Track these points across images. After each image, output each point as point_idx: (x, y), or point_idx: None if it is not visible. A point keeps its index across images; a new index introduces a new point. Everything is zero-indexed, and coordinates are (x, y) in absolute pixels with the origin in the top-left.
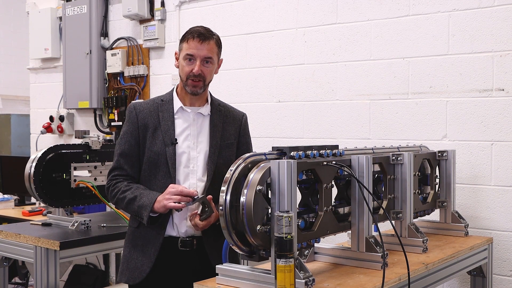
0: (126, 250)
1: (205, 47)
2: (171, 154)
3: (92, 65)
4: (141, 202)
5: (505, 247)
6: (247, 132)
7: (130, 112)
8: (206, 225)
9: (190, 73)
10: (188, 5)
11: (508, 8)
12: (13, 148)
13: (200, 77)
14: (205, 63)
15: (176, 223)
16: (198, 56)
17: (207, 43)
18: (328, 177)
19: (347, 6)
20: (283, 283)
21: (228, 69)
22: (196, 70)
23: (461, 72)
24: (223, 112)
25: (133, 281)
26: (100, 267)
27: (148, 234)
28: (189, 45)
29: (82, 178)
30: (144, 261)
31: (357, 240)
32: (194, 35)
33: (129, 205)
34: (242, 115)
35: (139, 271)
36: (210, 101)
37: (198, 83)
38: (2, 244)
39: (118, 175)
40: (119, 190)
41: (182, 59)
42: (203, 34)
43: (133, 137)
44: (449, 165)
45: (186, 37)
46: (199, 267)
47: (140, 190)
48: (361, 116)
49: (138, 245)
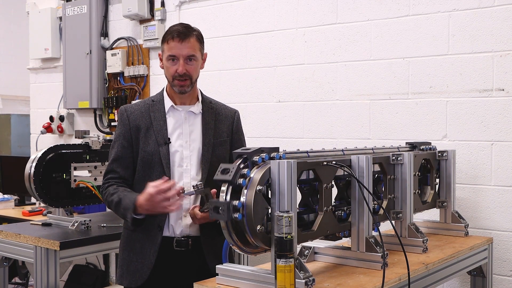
0: (124, 253)
1: (186, 46)
2: (165, 153)
3: (92, 65)
4: (124, 205)
5: (505, 247)
6: (240, 129)
7: (121, 114)
8: (205, 218)
9: (175, 74)
10: (188, 5)
11: (508, 8)
12: (13, 148)
13: (186, 76)
14: (189, 61)
15: (172, 224)
16: (181, 56)
17: (188, 41)
18: (328, 177)
19: (347, 6)
20: (283, 283)
21: (228, 69)
22: (181, 70)
23: (461, 72)
24: (215, 109)
25: (135, 284)
26: (100, 267)
27: (145, 236)
28: (169, 45)
29: (82, 178)
30: (144, 263)
31: (357, 240)
32: (173, 35)
33: (116, 209)
34: (234, 112)
35: (139, 273)
36: (201, 99)
37: (184, 82)
38: (2, 244)
39: (110, 178)
40: (108, 193)
41: (166, 60)
42: (183, 33)
43: (126, 139)
44: (449, 165)
45: (166, 37)
46: (196, 267)
47: (124, 193)
48: (361, 116)
49: (137, 248)
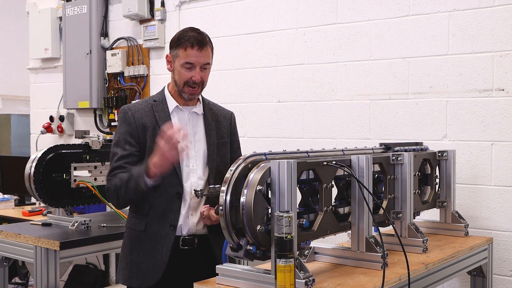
0: (133, 254)
1: (203, 54)
2: None
3: (92, 65)
4: (135, 174)
5: (505, 247)
6: (236, 131)
7: (125, 113)
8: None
9: (189, 80)
10: (188, 5)
11: (508, 8)
12: (13, 148)
13: (200, 83)
14: (203, 70)
15: (181, 223)
16: (198, 64)
17: (206, 50)
18: (328, 177)
19: (347, 6)
20: (283, 283)
21: (228, 69)
22: (197, 78)
23: (461, 72)
24: (214, 111)
25: (146, 284)
26: (100, 267)
27: (157, 235)
28: (187, 52)
29: (82, 178)
30: (156, 263)
31: (357, 240)
32: (192, 43)
33: (127, 187)
34: (231, 114)
35: (152, 273)
36: (202, 100)
37: (196, 90)
38: (2, 244)
39: (117, 173)
40: (116, 182)
41: (180, 66)
42: (201, 42)
43: (133, 137)
44: (449, 165)
45: (183, 43)
46: (204, 266)
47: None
48: (361, 116)
49: (147, 248)
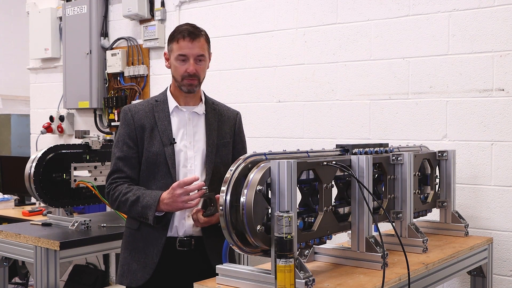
0: (126, 253)
1: (196, 45)
2: (170, 154)
3: (92, 65)
4: (144, 202)
5: (505, 247)
6: (241, 131)
7: (125, 114)
8: (208, 222)
9: (184, 73)
10: (188, 5)
11: (508, 8)
12: (13, 148)
13: (195, 76)
14: (198, 61)
15: (176, 224)
16: (191, 55)
17: (198, 41)
18: (328, 177)
19: (347, 6)
20: (283, 283)
21: (228, 69)
22: (191, 70)
23: (461, 72)
24: (218, 111)
25: (135, 284)
26: (100, 267)
27: (150, 235)
28: (180, 45)
29: (82, 178)
30: (146, 263)
31: (357, 240)
32: (184, 34)
33: (132, 207)
34: (236, 114)
35: (141, 273)
36: (204, 100)
37: (193, 82)
38: (2, 244)
39: (117, 177)
40: (120, 193)
41: (174, 59)
42: (193, 33)
43: (131, 139)
44: (449, 165)
45: (175, 37)
46: (199, 267)
47: (141, 191)
48: (361, 116)
49: (139, 247)
